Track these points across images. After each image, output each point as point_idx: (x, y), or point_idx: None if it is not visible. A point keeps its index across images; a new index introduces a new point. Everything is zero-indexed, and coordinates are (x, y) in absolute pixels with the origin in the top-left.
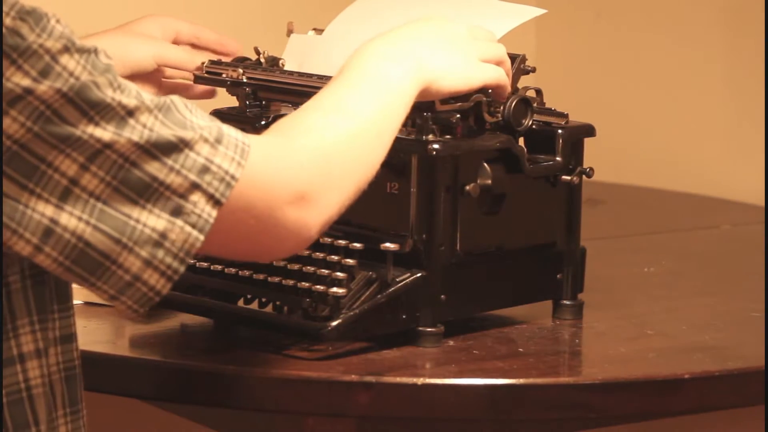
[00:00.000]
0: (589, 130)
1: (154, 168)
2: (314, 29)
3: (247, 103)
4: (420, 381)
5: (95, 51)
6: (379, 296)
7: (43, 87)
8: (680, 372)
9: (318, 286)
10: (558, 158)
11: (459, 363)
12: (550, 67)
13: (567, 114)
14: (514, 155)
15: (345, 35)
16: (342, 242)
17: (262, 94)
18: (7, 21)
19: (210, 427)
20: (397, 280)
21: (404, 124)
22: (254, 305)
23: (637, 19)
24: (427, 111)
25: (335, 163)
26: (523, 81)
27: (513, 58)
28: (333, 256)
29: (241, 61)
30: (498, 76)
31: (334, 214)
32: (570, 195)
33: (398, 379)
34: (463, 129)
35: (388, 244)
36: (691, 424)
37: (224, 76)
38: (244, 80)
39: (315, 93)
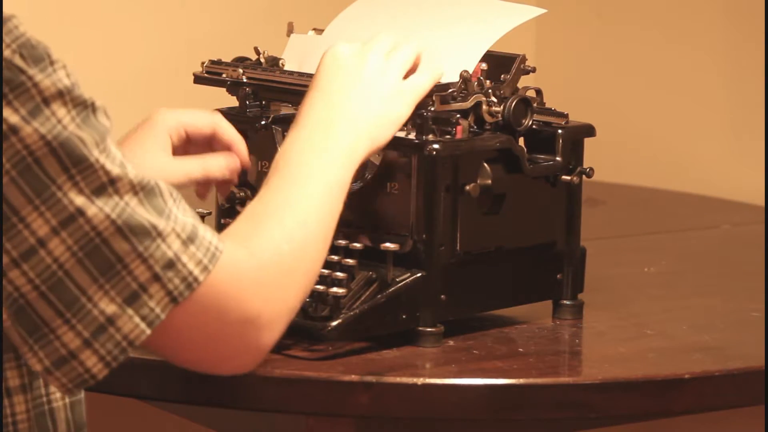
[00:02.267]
0: (589, 130)
1: (122, 250)
2: (314, 29)
3: (247, 103)
4: (420, 381)
5: (93, 106)
6: (379, 296)
7: (29, 129)
8: (680, 372)
9: (318, 286)
10: (558, 158)
11: (459, 363)
12: (550, 67)
13: (567, 114)
14: (514, 155)
15: (345, 35)
16: (342, 242)
17: (262, 94)
18: (7, 53)
19: (210, 427)
20: (397, 280)
21: (404, 124)
22: None
23: (637, 19)
24: (426, 111)
25: (291, 280)
26: (523, 81)
27: (513, 58)
28: (333, 256)
29: (241, 61)
30: (428, 81)
31: (284, 328)
32: (570, 195)
33: (398, 379)
34: (463, 129)
35: (388, 244)
36: (691, 424)
37: (224, 76)
38: (244, 80)
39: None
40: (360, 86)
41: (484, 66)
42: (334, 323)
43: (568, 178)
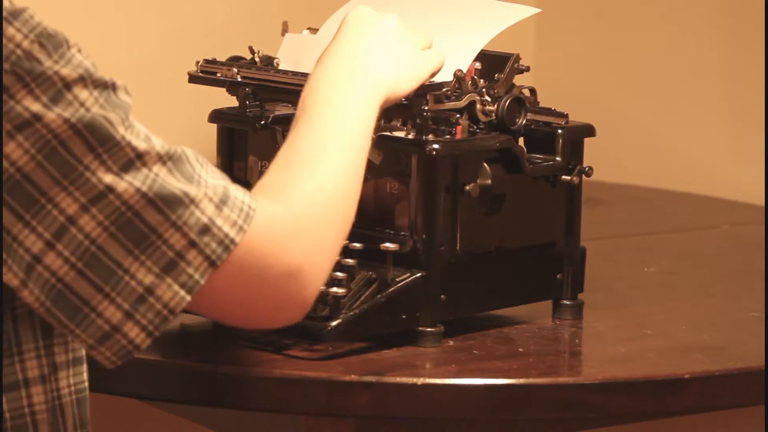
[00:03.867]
0: (589, 130)
1: (155, 220)
2: (309, 29)
3: (247, 103)
4: (420, 381)
5: (113, 86)
6: (378, 296)
7: (52, 115)
8: (680, 372)
9: None
10: (558, 158)
11: (459, 363)
12: (550, 66)
13: (567, 114)
14: (514, 155)
15: None
16: None
17: (260, 94)
18: (25, 44)
19: (210, 427)
20: (397, 280)
21: (403, 124)
22: None
23: (637, 19)
24: (426, 111)
25: (327, 228)
26: (521, 80)
27: (507, 57)
28: None
29: (235, 60)
30: (440, 60)
31: (326, 277)
32: (570, 195)
33: (398, 379)
34: (462, 129)
35: (387, 244)
36: (691, 424)
37: (219, 75)
38: (239, 79)
39: None
40: (383, 41)
41: (477, 65)
42: (334, 323)
43: (568, 178)
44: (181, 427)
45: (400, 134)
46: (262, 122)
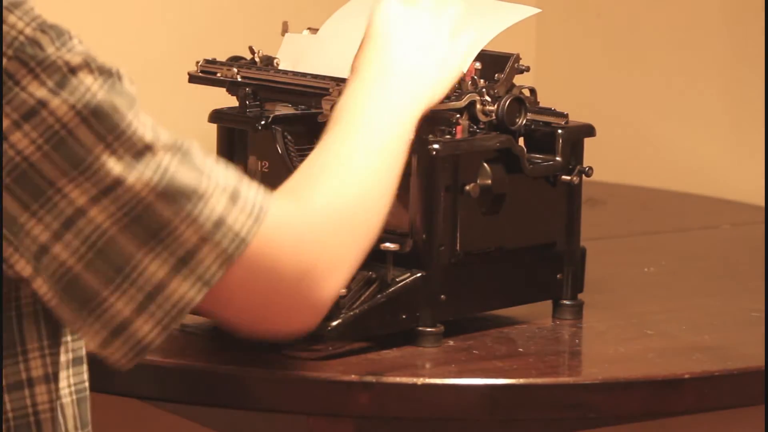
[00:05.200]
0: (589, 130)
1: (167, 214)
2: (309, 29)
3: (247, 103)
4: (420, 381)
5: (118, 74)
6: (379, 296)
7: (58, 101)
8: (680, 372)
9: None
10: (558, 158)
11: (459, 363)
12: (550, 66)
13: (567, 114)
14: (514, 155)
15: (339, 35)
16: None
17: (260, 94)
18: (28, 31)
19: (210, 427)
20: (397, 280)
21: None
22: None
23: (637, 19)
24: (301, 93)
25: (346, 231)
26: (522, 80)
27: (507, 57)
28: None
29: (235, 60)
30: (477, 39)
31: (344, 283)
32: (570, 195)
33: (398, 379)
34: (462, 129)
35: (388, 244)
36: (691, 424)
37: (219, 75)
38: (239, 79)
39: (309, 92)
40: (416, 44)
41: (477, 65)
42: (334, 323)
43: (568, 178)
44: (181, 427)
45: None
46: (262, 122)
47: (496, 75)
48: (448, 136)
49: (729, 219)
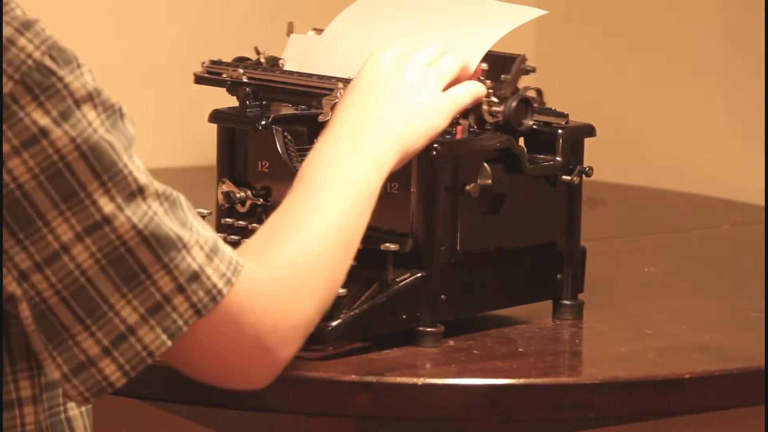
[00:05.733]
0: (589, 130)
1: (147, 260)
2: (314, 29)
3: (247, 103)
4: (420, 381)
5: (120, 111)
6: (379, 296)
7: (59, 132)
8: (680, 372)
9: None
10: (558, 158)
11: (459, 363)
12: (550, 67)
13: (567, 114)
14: (514, 155)
15: (345, 35)
16: None
17: (262, 94)
18: (37, 55)
19: (210, 427)
20: (397, 280)
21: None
22: None
23: (637, 19)
24: (306, 93)
25: (307, 292)
26: (524, 81)
27: (513, 58)
28: None
29: (241, 61)
30: (467, 95)
31: (302, 342)
32: (570, 195)
33: (398, 379)
34: (463, 129)
35: (388, 244)
36: (691, 424)
37: (224, 76)
38: (245, 80)
39: (315, 93)
40: (394, 97)
41: (484, 66)
42: (335, 323)
43: (568, 178)
44: (181, 427)
45: None
46: (263, 122)
47: (503, 76)
48: (448, 137)
49: (729, 219)
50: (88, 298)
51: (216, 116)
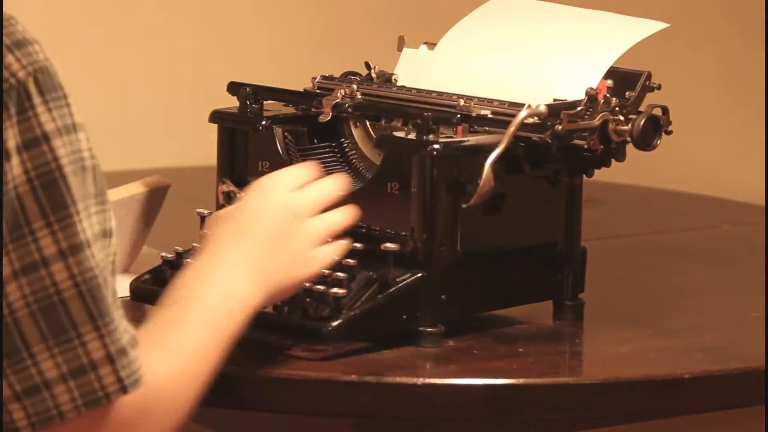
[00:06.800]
0: None
1: (80, 317)
2: (426, 43)
3: (247, 103)
4: (420, 381)
5: (92, 160)
6: (379, 296)
7: (17, 160)
8: (680, 372)
9: (318, 286)
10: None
11: (459, 363)
12: None
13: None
14: (514, 155)
15: (457, 50)
16: None
17: (376, 113)
18: (21, 74)
19: (210, 427)
20: (398, 280)
21: (404, 124)
22: None
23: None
24: (426, 111)
25: (160, 413)
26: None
27: (638, 74)
28: None
29: (351, 76)
30: (330, 255)
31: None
32: (570, 195)
33: (398, 379)
34: (463, 129)
35: (388, 244)
36: (691, 424)
37: (337, 92)
38: (358, 96)
39: (433, 110)
40: (273, 239)
41: (609, 83)
42: (335, 323)
43: (569, 178)
44: (181, 427)
45: (401, 134)
46: (263, 122)
47: (627, 93)
48: (448, 136)
49: (729, 219)
50: (10, 341)
51: (216, 116)
